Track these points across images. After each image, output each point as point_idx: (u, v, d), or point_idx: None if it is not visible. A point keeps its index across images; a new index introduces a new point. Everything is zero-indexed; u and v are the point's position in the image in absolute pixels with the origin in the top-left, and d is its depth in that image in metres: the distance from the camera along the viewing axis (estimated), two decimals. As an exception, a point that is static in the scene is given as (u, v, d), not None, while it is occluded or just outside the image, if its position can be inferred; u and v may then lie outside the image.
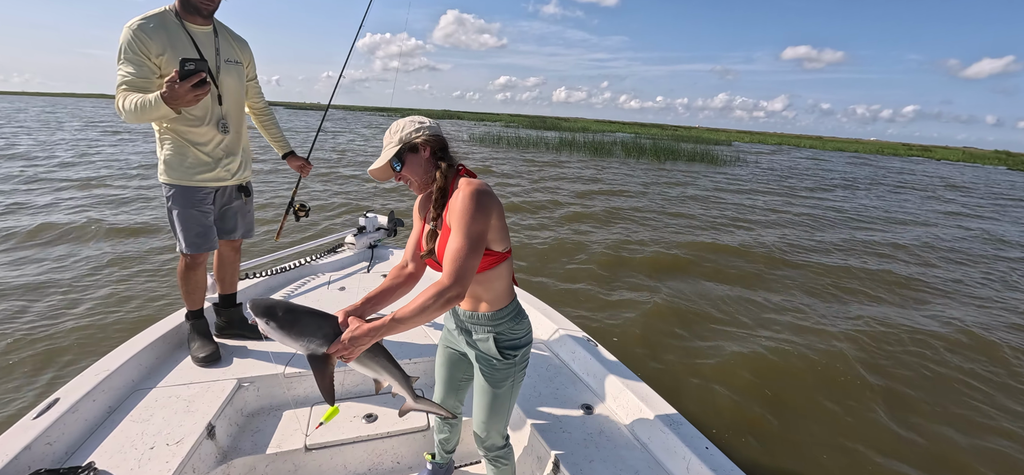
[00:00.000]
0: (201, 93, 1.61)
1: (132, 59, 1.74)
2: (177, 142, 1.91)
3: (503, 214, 1.28)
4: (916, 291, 5.83)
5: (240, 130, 2.11)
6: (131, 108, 1.66)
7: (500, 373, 1.39)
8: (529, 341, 1.43)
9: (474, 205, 1.19)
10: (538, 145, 24.08)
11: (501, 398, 1.41)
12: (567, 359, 2.20)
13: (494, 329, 1.38)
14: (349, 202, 8.87)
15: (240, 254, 2.34)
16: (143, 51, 1.75)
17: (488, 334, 1.38)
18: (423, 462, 1.91)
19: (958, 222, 11.28)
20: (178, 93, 1.57)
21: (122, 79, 1.74)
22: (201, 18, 1.89)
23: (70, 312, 3.91)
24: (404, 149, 1.28)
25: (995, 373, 3.89)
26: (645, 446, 1.69)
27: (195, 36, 1.88)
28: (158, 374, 1.93)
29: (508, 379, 1.40)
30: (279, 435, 1.80)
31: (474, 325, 1.41)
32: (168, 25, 1.81)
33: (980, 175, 30.01)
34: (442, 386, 1.60)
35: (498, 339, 1.38)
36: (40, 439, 1.43)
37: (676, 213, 9.59)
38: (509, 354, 1.38)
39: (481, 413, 1.45)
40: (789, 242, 7.84)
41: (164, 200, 1.99)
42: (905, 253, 7.66)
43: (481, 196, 1.20)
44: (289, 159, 2.44)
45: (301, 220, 2.84)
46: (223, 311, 2.29)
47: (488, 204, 1.21)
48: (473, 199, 1.19)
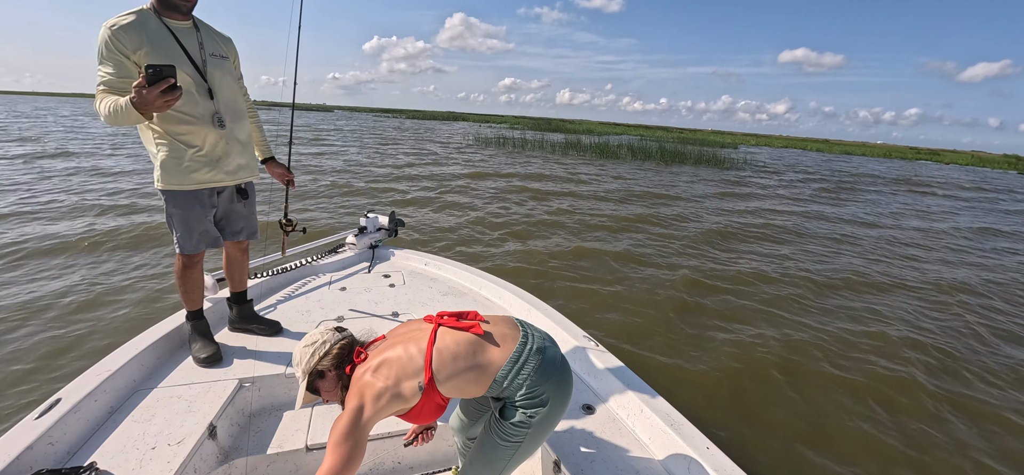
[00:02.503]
0: (171, 99, 1.55)
1: (111, 59, 1.71)
2: (172, 145, 1.87)
3: (388, 382, 1.18)
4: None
5: (239, 124, 2.06)
6: (107, 111, 1.62)
7: (506, 428, 1.23)
8: (549, 401, 1.21)
9: (337, 422, 1.14)
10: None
11: (499, 453, 1.26)
12: (568, 359, 2.19)
13: (498, 399, 1.28)
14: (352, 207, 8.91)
15: (248, 254, 2.35)
16: (121, 51, 1.71)
17: (499, 400, 1.28)
18: (427, 460, 1.91)
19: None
20: (147, 99, 1.51)
21: (101, 80, 1.71)
22: (180, 14, 1.86)
23: (74, 312, 3.94)
24: (313, 379, 1.26)
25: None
26: (646, 446, 1.68)
27: (176, 32, 1.84)
28: (160, 374, 1.94)
29: (516, 438, 1.23)
30: (280, 435, 1.81)
31: (483, 406, 1.44)
32: (147, 22, 1.77)
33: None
34: (462, 406, 1.53)
35: (505, 401, 1.25)
36: (42, 439, 1.44)
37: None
38: (518, 413, 1.22)
39: (473, 457, 1.32)
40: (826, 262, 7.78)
41: (163, 203, 1.98)
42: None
43: (347, 408, 1.16)
44: (269, 165, 2.40)
45: (290, 236, 2.65)
46: (235, 307, 2.33)
47: (354, 412, 1.14)
48: (339, 417, 1.15)
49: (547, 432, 1.26)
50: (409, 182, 11.78)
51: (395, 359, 1.21)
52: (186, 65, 1.84)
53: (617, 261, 6.25)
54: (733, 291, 5.38)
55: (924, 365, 3.94)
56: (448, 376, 1.19)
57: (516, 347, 1.23)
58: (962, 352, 4.23)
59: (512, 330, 1.28)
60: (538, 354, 1.23)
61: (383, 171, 13.54)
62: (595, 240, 7.21)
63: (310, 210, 8.22)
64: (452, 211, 8.74)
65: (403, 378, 1.18)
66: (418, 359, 1.20)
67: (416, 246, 6.19)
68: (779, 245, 7.72)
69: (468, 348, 1.22)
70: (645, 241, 7.37)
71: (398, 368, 1.19)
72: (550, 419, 1.24)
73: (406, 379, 1.18)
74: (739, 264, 6.42)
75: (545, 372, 1.22)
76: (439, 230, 7.39)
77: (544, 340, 1.28)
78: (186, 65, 1.84)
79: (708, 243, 7.51)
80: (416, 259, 3.36)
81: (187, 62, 1.84)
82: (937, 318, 5.02)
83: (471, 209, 8.97)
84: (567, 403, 1.28)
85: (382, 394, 1.16)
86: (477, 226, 7.74)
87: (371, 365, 1.21)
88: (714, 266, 6.29)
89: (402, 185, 11.29)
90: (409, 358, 1.20)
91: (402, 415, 1.25)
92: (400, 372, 1.19)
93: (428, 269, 3.25)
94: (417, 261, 3.34)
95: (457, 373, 1.20)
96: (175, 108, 1.81)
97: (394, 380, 1.18)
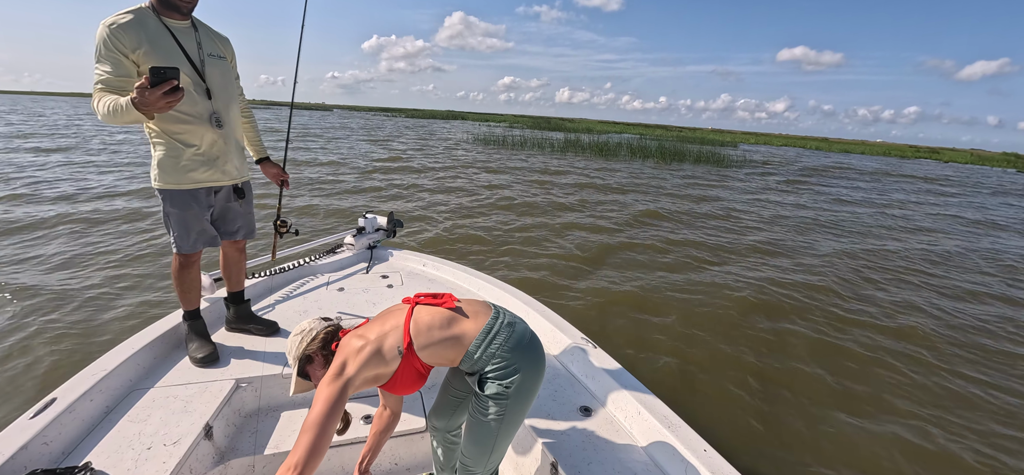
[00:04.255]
0: (173, 100, 1.55)
1: (109, 58, 1.70)
2: (170, 144, 1.87)
3: (369, 342, 1.28)
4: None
5: (235, 125, 2.07)
6: (106, 110, 1.62)
7: (483, 402, 1.30)
8: (521, 369, 1.28)
9: (323, 381, 1.24)
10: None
11: (485, 430, 1.31)
12: (565, 361, 2.19)
13: (474, 371, 1.33)
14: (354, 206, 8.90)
15: (245, 253, 2.35)
16: (119, 49, 1.70)
17: (475, 375, 1.33)
18: (423, 461, 1.90)
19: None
20: (149, 100, 1.51)
21: (98, 78, 1.70)
22: (179, 14, 1.85)
23: (73, 310, 3.94)
24: (303, 365, 1.36)
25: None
26: (643, 448, 1.68)
27: (175, 31, 1.84)
28: (156, 374, 1.93)
29: (495, 412, 1.29)
30: (277, 436, 1.81)
31: (459, 377, 1.49)
32: (145, 21, 1.76)
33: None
34: (441, 395, 1.56)
35: (481, 375, 1.31)
36: (37, 439, 1.43)
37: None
38: (494, 386, 1.28)
39: (465, 442, 1.39)
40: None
41: (159, 202, 1.98)
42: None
43: (332, 369, 1.25)
44: (264, 165, 2.39)
45: (284, 237, 2.62)
46: (232, 307, 2.32)
47: (337, 372, 1.24)
48: (325, 377, 1.25)
49: (526, 405, 1.32)
50: (408, 183, 11.77)
51: (375, 327, 1.32)
52: (185, 65, 1.84)
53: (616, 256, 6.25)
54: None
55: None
56: (425, 344, 1.28)
57: (488, 320, 1.32)
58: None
59: (484, 308, 1.37)
60: (509, 327, 1.31)
61: (381, 169, 13.55)
62: (593, 242, 7.21)
63: (305, 201, 8.22)
64: (452, 210, 8.74)
65: (383, 340, 1.28)
66: (398, 330, 1.30)
67: (414, 247, 6.19)
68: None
69: (442, 320, 1.31)
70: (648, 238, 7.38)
71: (379, 332, 1.30)
72: (526, 389, 1.30)
73: (387, 341, 1.28)
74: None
75: (516, 344, 1.29)
76: (439, 229, 7.39)
77: (514, 317, 1.36)
78: (185, 65, 1.84)
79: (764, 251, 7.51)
80: (414, 260, 3.35)
81: (185, 61, 1.84)
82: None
83: (471, 208, 8.97)
84: (541, 375, 1.34)
85: (362, 348, 1.26)
86: (477, 225, 7.74)
87: (353, 334, 1.33)
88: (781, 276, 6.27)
89: (401, 186, 11.28)
90: (390, 329, 1.31)
91: (384, 385, 1.32)
92: (380, 336, 1.29)
93: (426, 270, 3.24)
94: (415, 262, 3.34)
95: (433, 342, 1.28)
96: (175, 109, 1.81)
97: (375, 338, 1.28)
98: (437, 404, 1.56)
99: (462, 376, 1.48)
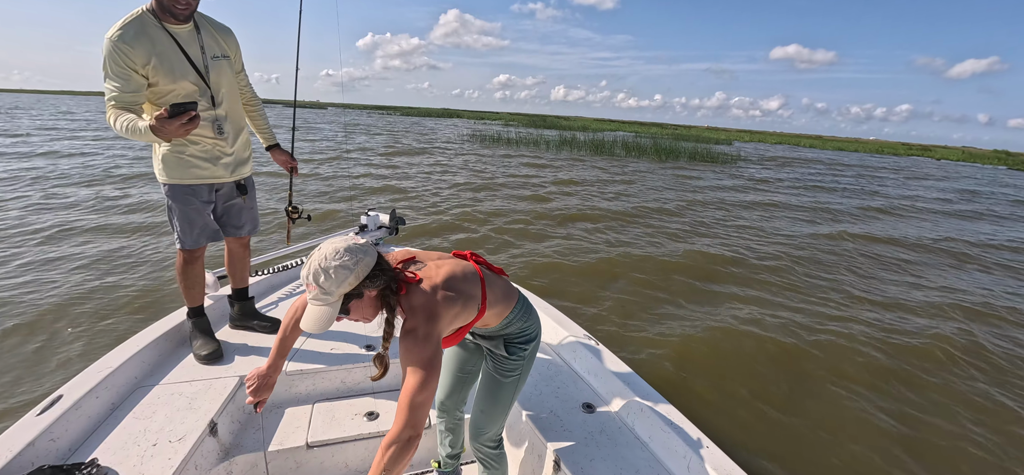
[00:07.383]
0: (191, 127, 1.57)
1: (118, 73, 1.70)
2: (174, 142, 1.86)
3: (462, 296, 1.23)
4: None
5: (239, 126, 2.09)
6: (122, 129, 1.64)
7: (509, 364, 1.45)
8: (537, 334, 1.49)
9: (414, 342, 1.13)
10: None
11: (505, 390, 1.46)
12: (568, 358, 2.20)
13: (504, 334, 1.44)
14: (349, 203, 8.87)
15: (249, 250, 2.35)
16: (128, 64, 1.70)
17: (500, 339, 1.45)
18: (424, 459, 1.91)
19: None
20: (168, 129, 1.53)
21: (110, 94, 1.70)
22: (179, 21, 1.83)
23: (75, 306, 3.92)
24: (347, 300, 1.14)
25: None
26: (646, 445, 1.69)
27: (177, 37, 1.82)
28: (161, 371, 1.93)
29: (516, 371, 1.45)
30: (281, 432, 1.81)
31: (484, 340, 1.49)
32: (149, 30, 1.75)
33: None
34: (449, 377, 1.62)
35: (507, 339, 1.44)
36: (44, 435, 1.43)
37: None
38: (518, 350, 1.44)
39: (482, 401, 1.49)
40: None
41: (163, 197, 1.99)
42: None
43: (422, 329, 1.14)
44: (273, 152, 2.40)
45: (296, 222, 2.72)
46: (236, 304, 2.33)
47: (431, 331, 1.14)
48: (413, 338, 1.14)
49: (531, 365, 1.50)
50: (408, 181, 11.75)
51: (459, 276, 1.27)
52: (190, 72, 1.85)
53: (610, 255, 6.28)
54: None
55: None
56: (490, 304, 1.34)
57: (519, 293, 1.49)
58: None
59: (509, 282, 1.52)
60: (525, 300, 1.49)
61: (381, 167, 13.50)
62: (595, 241, 7.23)
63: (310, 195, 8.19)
64: (454, 207, 8.74)
65: (469, 298, 1.26)
66: (475, 283, 1.30)
67: (417, 244, 6.19)
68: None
69: (502, 289, 1.41)
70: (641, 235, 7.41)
71: (462, 285, 1.26)
72: (534, 353, 1.50)
73: (471, 300, 1.27)
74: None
75: (531, 312, 1.49)
76: (441, 226, 7.39)
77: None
78: (190, 72, 1.85)
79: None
80: None
81: (190, 69, 1.85)
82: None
83: (473, 205, 8.97)
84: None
85: (455, 312, 1.22)
86: (480, 222, 7.75)
87: (436, 281, 1.22)
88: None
89: (402, 185, 11.26)
90: (472, 290, 1.28)
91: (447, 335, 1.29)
92: (468, 297, 1.26)
93: None
94: None
95: (495, 303, 1.36)
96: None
97: (462, 299, 1.24)
98: (445, 388, 1.63)
99: (471, 350, 1.59)
